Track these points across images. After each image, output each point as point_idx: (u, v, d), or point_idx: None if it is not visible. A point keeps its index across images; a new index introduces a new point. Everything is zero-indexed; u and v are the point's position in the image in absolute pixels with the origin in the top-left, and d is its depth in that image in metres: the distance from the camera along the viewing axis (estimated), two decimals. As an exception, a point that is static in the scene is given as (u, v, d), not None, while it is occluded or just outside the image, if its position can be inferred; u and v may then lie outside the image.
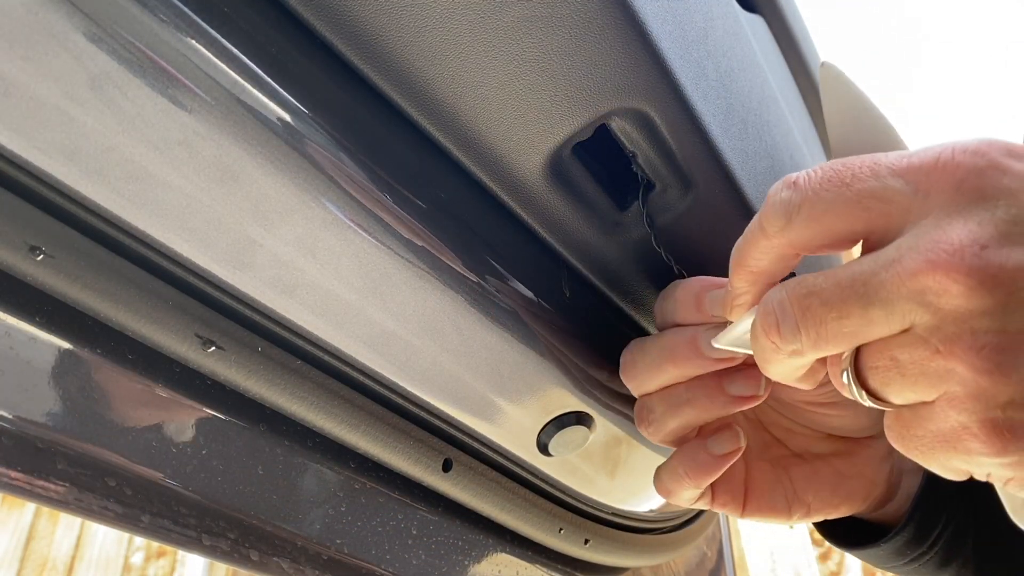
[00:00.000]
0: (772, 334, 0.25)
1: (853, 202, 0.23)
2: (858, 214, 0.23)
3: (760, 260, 0.26)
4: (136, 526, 0.30)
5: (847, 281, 0.23)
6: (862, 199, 0.23)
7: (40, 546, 2.11)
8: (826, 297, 0.23)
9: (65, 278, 0.26)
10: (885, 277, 0.22)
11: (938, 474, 0.25)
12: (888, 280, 0.22)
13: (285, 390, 0.32)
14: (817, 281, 0.23)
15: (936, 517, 0.37)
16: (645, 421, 0.35)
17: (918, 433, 0.23)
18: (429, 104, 0.28)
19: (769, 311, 0.25)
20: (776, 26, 0.54)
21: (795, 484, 0.37)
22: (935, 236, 0.21)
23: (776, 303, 0.24)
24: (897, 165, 0.23)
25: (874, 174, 0.23)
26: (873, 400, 0.24)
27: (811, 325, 0.23)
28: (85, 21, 0.21)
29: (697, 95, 0.30)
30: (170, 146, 0.24)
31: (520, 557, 0.46)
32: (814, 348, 0.24)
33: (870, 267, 0.22)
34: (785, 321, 0.24)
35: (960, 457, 0.23)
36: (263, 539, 0.34)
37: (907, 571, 0.39)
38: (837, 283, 0.23)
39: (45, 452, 0.28)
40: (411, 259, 0.30)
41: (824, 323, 0.23)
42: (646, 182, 0.33)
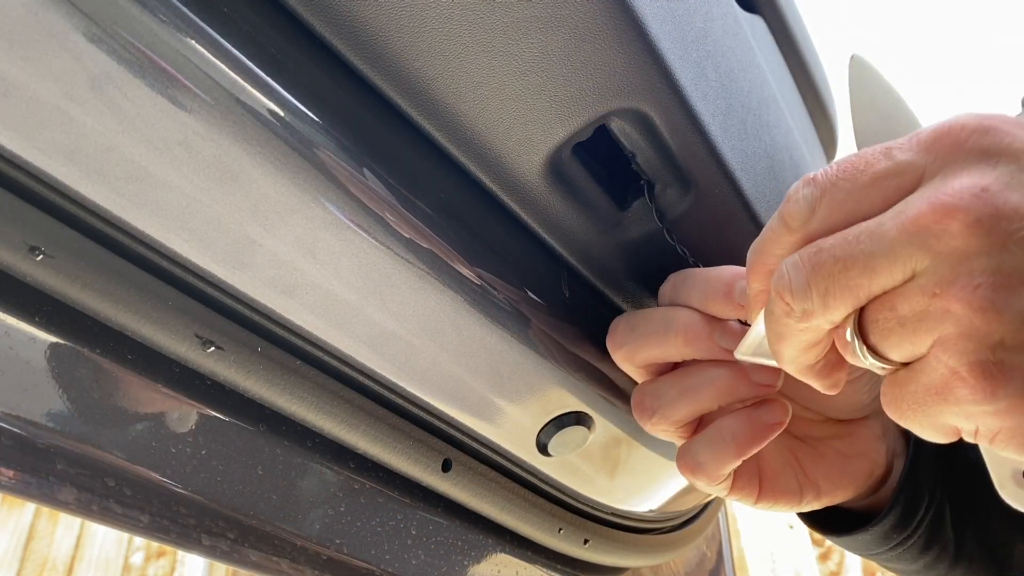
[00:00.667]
0: (784, 294, 0.25)
1: (869, 185, 0.24)
2: (876, 195, 0.24)
3: (779, 257, 0.27)
4: (136, 526, 0.30)
5: (854, 234, 0.24)
6: (877, 180, 0.24)
7: (40, 546, 2.11)
8: (835, 251, 0.24)
9: (65, 278, 0.26)
10: (889, 226, 0.23)
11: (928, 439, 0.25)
12: (892, 228, 0.23)
13: (285, 390, 0.32)
14: (827, 240, 0.24)
15: (919, 500, 0.38)
16: (649, 409, 0.35)
17: (911, 389, 0.24)
18: (429, 104, 0.28)
19: (782, 272, 0.25)
20: (776, 26, 0.54)
21: (803, 467, 0.37)
22: (938, 186, 0.22)
23: (789, 264, 0.25)
24: (907, 142, 0.24)
25: (886, 156, 0.24)
26: (874, 356, 0.25)
27: (820, 279, 0.24)
28: (85, 21, 0.21)
29: (697, 95, 0.30)
30: (170, 146, 0.24)
31: (520, 557, 0.46)
32: (823, 306, 0.24)
33: (877, 220, 0.23)
34: (796, 277, 0.25)
35: (950, 409, 0.23)
36: (263, 539, 0.34)
37: (890, 558, 0.40)
38: (844, 237, 0.24)
39: (45, 452, 0.28)
40: (411, 259, 0.30)
41: (832, 276, 0.24)
42: (649, 181, 0.33)
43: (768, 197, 0.36)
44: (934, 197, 0.22)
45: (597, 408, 0.40)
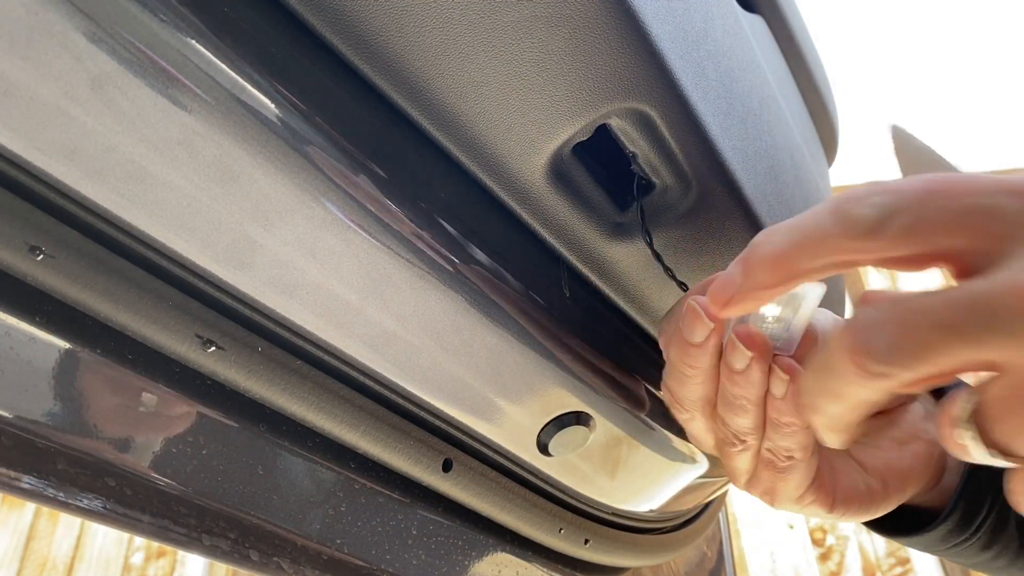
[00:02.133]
0: (860, 355, 0.22)
1: (961, 214, 0.21)
2: (960, 230, 0.21)
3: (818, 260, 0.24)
4: (136, 526, 0.30)
5: (964, 299, 0.21)
6: (969, 214, 0.21)
7: (40, 546, 2.11)
8: (937, 317, 0.21)
9: (65, 278, 0.26)
10: (1007, 298, 0.20)
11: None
12: (1009, 300, 0.20)
13: (286, 390, 0.32)
14: (922, 299, 0.21)
15: (980, 503, 0.36)
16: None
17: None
18: (429, 104, 0.28)
19: (860, 329, 0.22)
20: (776, 26, 0.54)
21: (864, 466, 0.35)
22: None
23: (872, 323, 0.22)
24: (1008, 184, 0.21)
25: (984, 191, 0.21)
26: (1000, 456, 0.22)
27: (911, 345, 0.21)
28: (85, 21, 0.21)
29: (697, 95, 0.30)
30: (170, 146, 0.24)
31: (520, 557, 0.46)
32: (907, 370, 0.21)
33: (988, 286, 0.20)
34: (880, 342, 0.22)
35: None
36: (263, 539, 0.34)
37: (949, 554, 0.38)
38: (949, 302, 0.21)
39: (45, 452, 0.28)
40: (411, 259, 0.30)
41: (928, 344, 0.21)
42: (644, 186, 0.33)
43: (768, 197, 0.36)
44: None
45: (597, 408, 0.40)
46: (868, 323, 0.22)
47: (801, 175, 0.42)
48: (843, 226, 0.23)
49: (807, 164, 0.45)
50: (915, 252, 0.22)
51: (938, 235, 0.22)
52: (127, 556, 2.12)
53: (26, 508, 2.17)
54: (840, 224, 0.23)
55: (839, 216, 0.23)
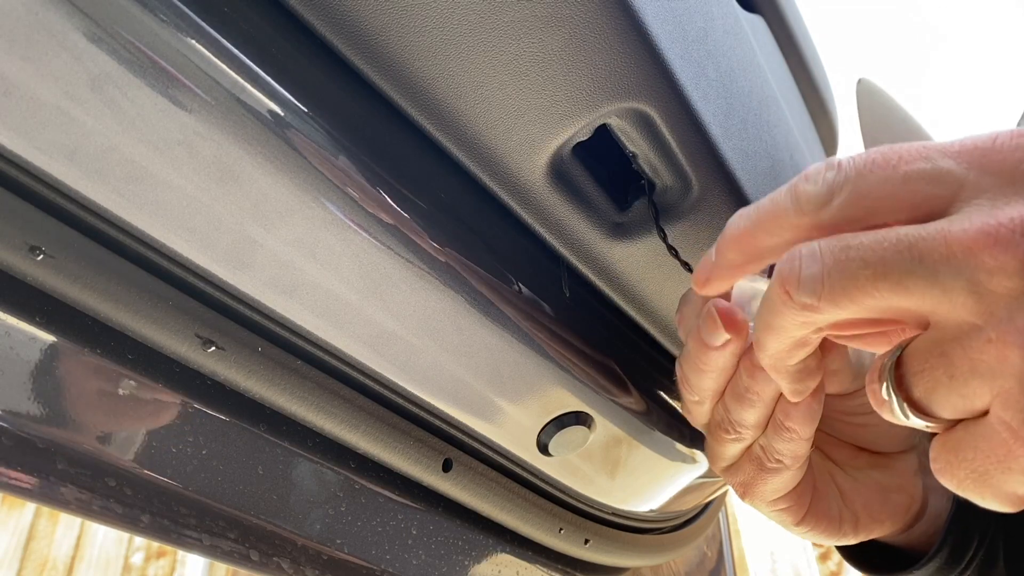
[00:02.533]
0: (789, 282, 0.22)
1: (900, 183, 0.22)
2: (905, 196, 0.22)
3: (776, 236, 0.24)
4: (136, 526, 0.30)
5: (891, 240, 0.21)
6: (910, 180, 0.22)
7: (40, 546, 2.11)
8: (865, 253, 0.21)
9: (65, 278, 0.26)
10: (934, 244, 0.20)
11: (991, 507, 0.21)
12: (937, 247, 0.20)
13: (286, 390, 0.32)
14: (858, 236, 0.22)
15: (968, 541, 0.35)
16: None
17: (968, 456, 0.21)
18: (429, 104, 0.28)
19: (794, 256, 0.23)
20: (776, 26, 0.54)
21: (844, 494, 0.35)
22: (991, 213, 0.20)
23: (806, 250, 0.22)
24: (950, 148, 0.22)
25: (924, 156, 0.22)
26: (917, 414, 0.22)
27: (838, 277, 0.21)
28: (85, 21, 0.21)
29: (697, 95, 0.30)
30: (170, 146, 0.24)
31: (520, 557, 0.46)
32: (832, 303, 0.22)
33: (917, 232, 0.21)
34: (810, 268, 0.22)
35: (1015, 476, 0.20)
36: (263, 539, 0.34)
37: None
38: (879, 241, 0.21)
39: (45, 452, 0.28)
40: (411, 259, 0.30)
41: (855, 279, 0.21)
42: (649, 181, 0.33)
43: (768, 197, 0.36)
44: (986, 224, 0.19)
45: (597, 408, 0.40)
46: (804, 253, 0.23)
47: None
48: (795, 202, 0.24)
49: (807, 164, 0.45)
50: (860, 223, 0.22)
51: (882, 203, 0.22)
52: (127, 556, 2.12)
53: (26, 508, 2.17)
54: (793, 201, 0.24)
55: (792, 193, 0.24)
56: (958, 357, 0.20)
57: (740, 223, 0.26)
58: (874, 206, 0.22)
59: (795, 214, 0.24)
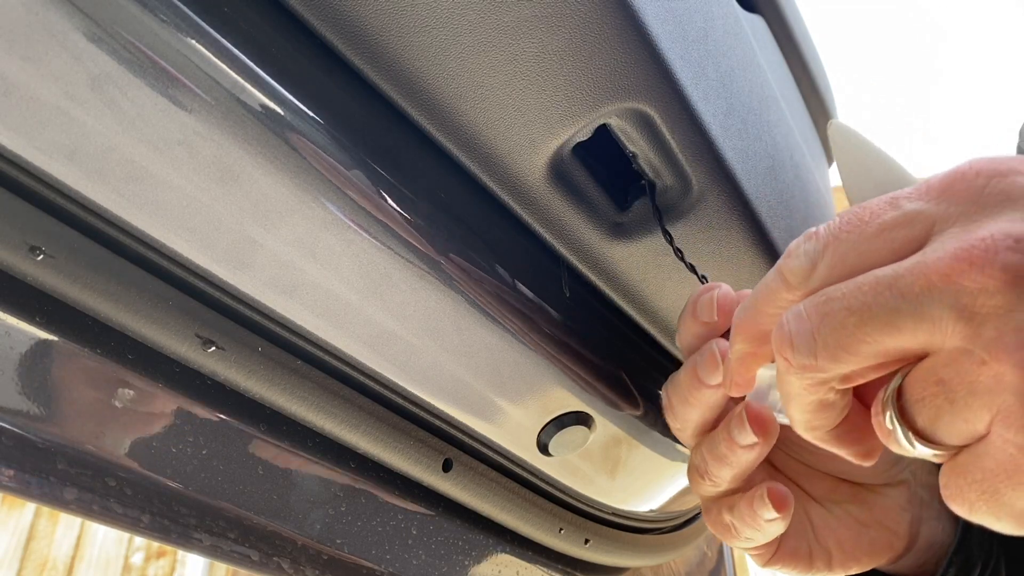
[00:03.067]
0: (784, 348, 0.23)
1: (875, 236, 0.22)
2: (883, 247, 0.22)
3: (774, 316, 0.25)
4: (136, 526, 0.30)
5: (870, 284, 0.21)
6: (883, 232, 0.22)
7: (40, 546, 2.11)
8: (847, 301, 0.21)
9: (65, 278, 0.26)
10: (912, 279, 0.20)
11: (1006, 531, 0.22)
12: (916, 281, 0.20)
13: (286, 390, 0.32)
14: (838, 288, 0.22)
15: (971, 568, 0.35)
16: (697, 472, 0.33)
17: (976, 477, 0.21)
18: (429, 104, 0.28)
19: (783, 323, 0.23)
20: (776, 26, 0.54)
21: (816, 530, 0.35)
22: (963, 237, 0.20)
23: (792, 315, 0.23)
24: (915, 191, 0.22)
25: (893, 205, 0.22)
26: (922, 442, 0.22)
27: (828, 332, 0.22)
28: (85, 21, 0.21)
29: (697, 95, 0.30)
30: (170, 146, 0.24)
31: (520, 557, 0.46)
32: (831, 359, 0.22)
33: (894, 270, 0.21)
34: (800, 330, 0.22)
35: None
36: (263, 539, 0.34)
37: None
38: (859, 286, 0.21)
39: (45, 452, 0.28)
40: (411, 259, 0.30)
41: (843, 329, 0.21)
42: (649, 181, 0.33)
43: (768, 197, 0.36)
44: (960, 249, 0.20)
45: (597, 408, 0.40)
46: (790, 316, 0.23)
47: (801, 175, 0.42)
48: (783, 281, 0.24)
49: (807, 164, 0.45)
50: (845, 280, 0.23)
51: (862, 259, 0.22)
52: (127, 556, 2.12)
53: (26, 508, 2.17)
54: (781, 279, 0.24)
55: (778, 272, 0.25)
56: (955, 382, 0.20)
57: (740, 314, 0.26)
58: (856, 264, 0.22)
59: (786, 290, 0.24)
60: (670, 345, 0.42)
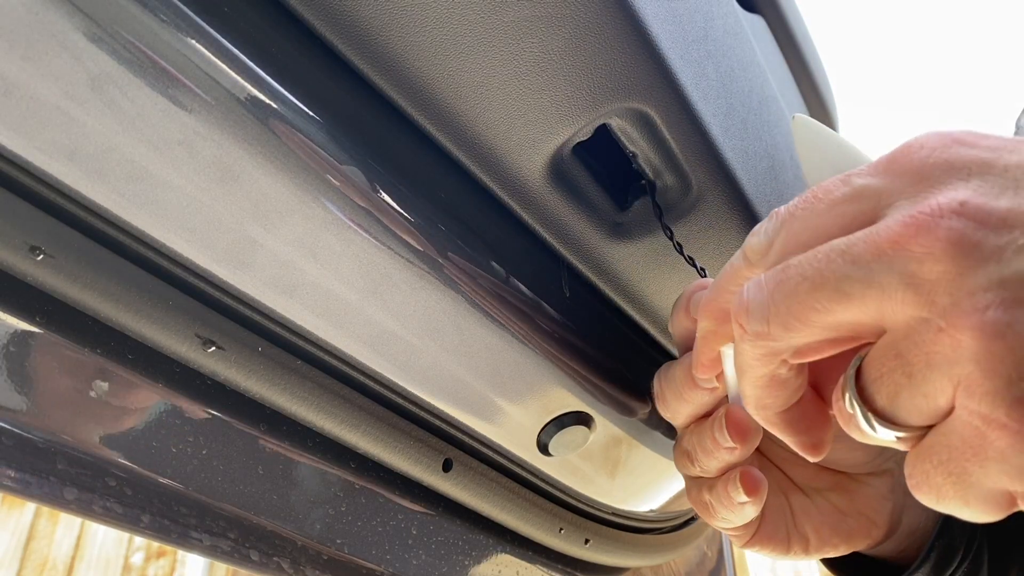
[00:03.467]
0: (740, 315, 0.23)
1: (826, 212, 0.23)
2: (834, 223, 0.23)
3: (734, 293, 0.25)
4: (136, 526, 0.30)
5: (824, 252, 0.21)
6: (835, 207, 0.23)
7: (40, 546, 2.11)
8: (802, 268, 0.22)
9: (65, 278, 0.26)
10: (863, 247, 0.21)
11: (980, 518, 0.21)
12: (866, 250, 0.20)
13: (286, 390, 0.32)
14: (796, 258, 0.22)
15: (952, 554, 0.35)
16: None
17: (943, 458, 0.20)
18: (430, 104, 0.28)
19: (742, 292, 0.24)
20: (776, 26, 0.54)
21: (795, 515, 0.36)
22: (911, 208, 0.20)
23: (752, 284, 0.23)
24: (866, 168, 0.23)
25: (844, 182, 0.23)
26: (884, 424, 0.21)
27: (783, 298, 0.22)
28: (85, 21, 0.21)
29: (698, 95, 0.30)
30: (170, 146, 0.24)
31: (520, 557, 0.46)
32: (783, 327, 0.22)
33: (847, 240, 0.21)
34: (756, 296, 0.23)
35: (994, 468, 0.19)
36: (263, 539, 0.34)
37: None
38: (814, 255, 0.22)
39: (45, 452, 0.28)
40: (411, 259, 0.30)
41: (796, 295, 0.22)
42: (650, 181, 0.33)
43: (769, 197, 0.36)
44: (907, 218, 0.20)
45: (597, 408, 0.40)
46: (749, 286, 0.24)
47: (801, 175, 0.42)
48: (744, 259, 0.25)
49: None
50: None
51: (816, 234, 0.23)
52: (127, 556, 2.12)
53: (26, 508, 2.17)
54: (743, 257, 0.25)
55: (741, 251, 0.26)
56: (912, 354, 0.20)
57: (706, 293, 0.28)
58: (809, 239, 0.23)
59: (747, 267, 0.25)
60: (670, 345, 0.42)
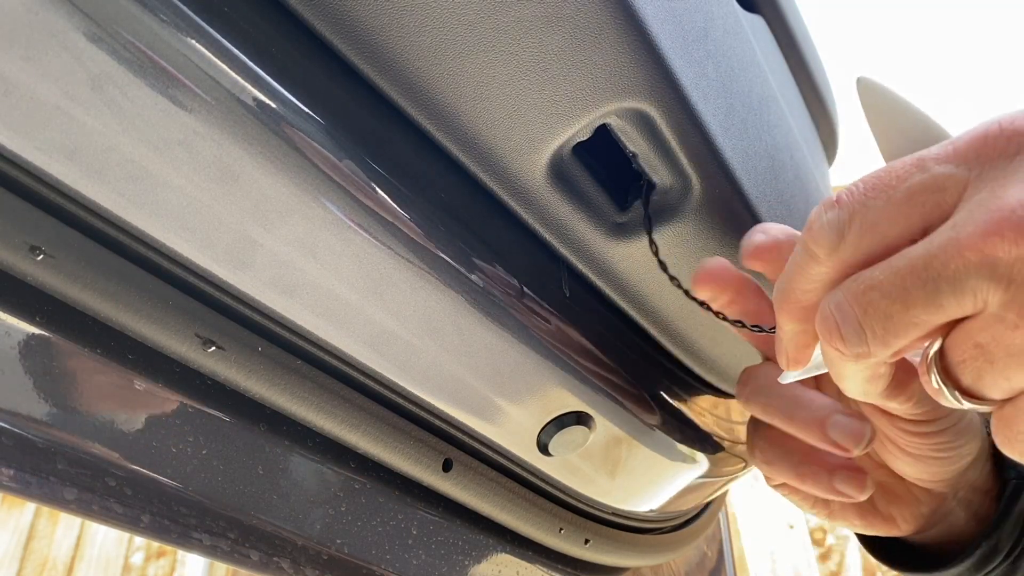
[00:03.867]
0: (834, 340, 0.23)
1: (904, 201, 0.22)
2: (913, 213, 0.22)
3: (811, 292, 0.25)
4: (136, 526, 0.30)
5: (906, 268, 0.21)
6: (913, 195, 0.22)
7: (40, 546, 2.11)
8: (886, 289, 0.22)
9: (65, 278, 0.26)
10: (945, 257, 0.20)
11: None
12: (949, 258, 0.20)
13: (286, 390, 0.32)
14: (873, 274, 0.22)
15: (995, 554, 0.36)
16: None
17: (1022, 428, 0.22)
18: (429, 104, 0.28)
19: (827, 316, 0.23)
20: (776, 26, 0.54)
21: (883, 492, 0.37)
22: (990, 204, 0.20)
23: (833, 306, 0.23)
24: (942, 153, 0.22)
25: (920, 168, 0.22)
26: (970, 400, 0.22)
27: (875, 321, 0.22)
28: (85, 21, 0.21)
29: (698, 95, 0.30)
30: (170, 146, 0.24)
31: (520, 557, 0.46)
32: (882, 345, 0.22)
33: (926, 249, 0.21)
34: (846, 323, 0.23)
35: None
36: (263, 539, 0.34)
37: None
38: (895, 271, 0.22)
39: (45, 452, 0.27)
40: (411, 259, 0.30)
41: (889, 318, 0.22)
42: (648, 184, 0.33)
43: (769, 197, 0.36)
44: (991, 220, 0.20)
45: (598, 408, 0.40)
46: (832, 309, 0.23)
47: (801, 175, 0.42)
48: (811, 256, 0.24)
49: (807, 164, 0.45)
50: (879, 251, 0.23)
51: (893, 226, 0.22)
52: (127, 556, 2.12)
53: (26, 508, 2.17)
54: (808, 255, 0.24)
55: (805, 247, 0.24)
56: (992, 346, 0.21)
57: (778, 296, 0.27)
58: (887, 232, 0.22)
59: (815, 264, 0.24)
60: (670, 345, 0.42)
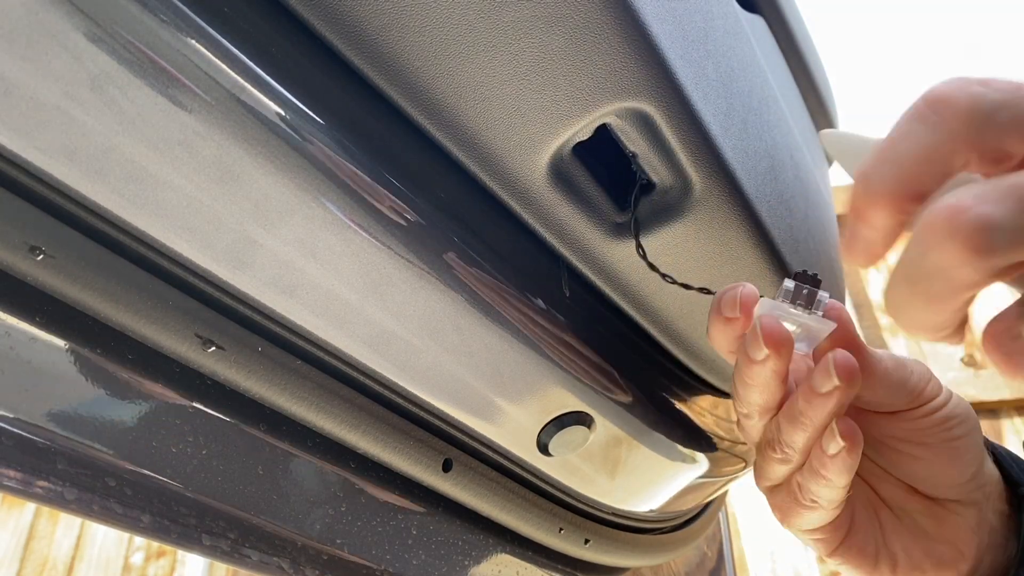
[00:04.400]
0: (975, 235, 0.19)
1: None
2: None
3: (931, 174, 0.21)
4: (136, 526, 0.30)
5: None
6: None
7: (40, 546, 2.11)
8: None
9: (65, 278, 0.26)
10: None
11: None
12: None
13: (285, 390, 0.32)
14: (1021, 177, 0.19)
15: None
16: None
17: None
18: (429, 104, 0.28)
19: (965, 206, 0.20)
20: (776, 26, 0.54)
21: (885, 531, 0.34)
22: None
23: (980, 195, 0.20)
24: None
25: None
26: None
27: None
28: (85, 21, 0.21)
29: (698, 95, 0.30)
30: (170, 146, 0.24)
31: (520, 557, 0.46)
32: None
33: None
34: (999, 211, 0.19)
35: None
36: (263, 539, 0.34)
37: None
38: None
39: (45, 452, 0.28)
40: (411, 259, 0.30)
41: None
42: (639, 187, 0.33)
43: (769, 197, 0.36)
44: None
45: (597, 408, 0.40)
46: (980, 197, 0.20)
47: (801, 175, 0.42)
48: (943, 125, 0.21)
49: (807, 164, 0.45)
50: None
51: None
52: (127, 556, 2.12)
53: (26, 508, 2.16)
54: (928, 127, 0.22)
55: (921, 119, 0.22)
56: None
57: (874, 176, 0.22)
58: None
59: (948, 140, 0.21)
60: (670, 345, 0.42)
